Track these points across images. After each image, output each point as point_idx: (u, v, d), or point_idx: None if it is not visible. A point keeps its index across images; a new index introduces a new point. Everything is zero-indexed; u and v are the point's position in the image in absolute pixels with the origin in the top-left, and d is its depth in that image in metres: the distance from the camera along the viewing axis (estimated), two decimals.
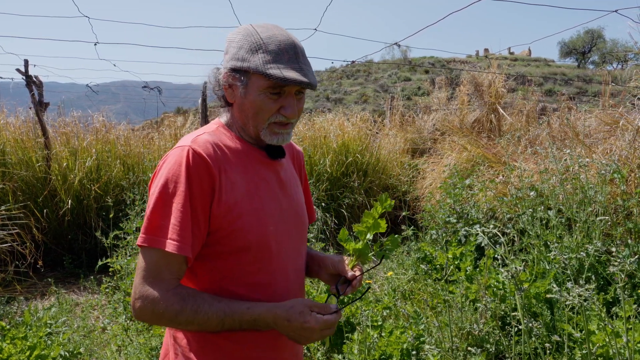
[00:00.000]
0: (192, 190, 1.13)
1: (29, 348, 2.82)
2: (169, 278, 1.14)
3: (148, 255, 1.14)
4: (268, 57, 1.17)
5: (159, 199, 1.14)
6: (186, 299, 1.13)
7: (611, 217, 3.43)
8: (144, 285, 1.13)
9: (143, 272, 1.13)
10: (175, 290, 1.14)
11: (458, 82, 11.04)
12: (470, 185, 4.84)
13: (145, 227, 1.14)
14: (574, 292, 1.93)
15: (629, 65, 5.49)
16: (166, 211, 1.13)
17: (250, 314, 1.14)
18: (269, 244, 1.23)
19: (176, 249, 1.11)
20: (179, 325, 1.15)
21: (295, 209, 1.35)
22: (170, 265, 1.14)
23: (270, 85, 1.18)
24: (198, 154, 1.15)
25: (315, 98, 31.53)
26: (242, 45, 1.20)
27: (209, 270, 1.22)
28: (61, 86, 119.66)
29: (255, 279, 1.23)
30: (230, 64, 1.22)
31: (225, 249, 1.19)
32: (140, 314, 1.14)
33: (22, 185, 5.45)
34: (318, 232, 5.64)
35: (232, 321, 1.14)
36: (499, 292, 2.99)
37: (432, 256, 4.21)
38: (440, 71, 29.41)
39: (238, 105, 1.25)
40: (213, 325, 1.14)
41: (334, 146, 6.95)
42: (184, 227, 1.12)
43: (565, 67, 36.83)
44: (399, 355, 2.64)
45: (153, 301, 1.11)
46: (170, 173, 1.15)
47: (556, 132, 6.05)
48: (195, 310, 1.13)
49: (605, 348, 2.29)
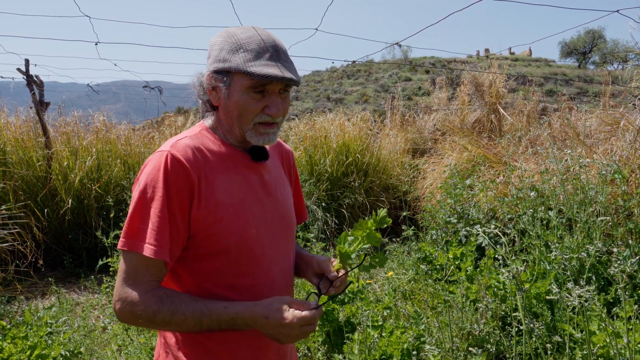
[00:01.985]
0: (169, 195, 1.14)
1: (29, 347, 2.82)
2: (147, 280, 1.15)
3: (127, 259, 1.16)
4: (249, 55, 1.18)
5: (138, 203, 1.15)
6: (163, 300, 1.14)
7: (612, 217, 3.42)
8: (124, 287, 1.15)
9: (123, 274, 1.15)
10: (154, 292, 1.15)
11: (459, 82, 11.04)
12: (470, 186, 4.84)
13: (125, 231, 1.16)
14: (574, 293, 1.93)
15: (629, 65, 5.48)
16: (145, 216, 1.15)
17: (228, 313, 1.15)
18: (251, 247, 1.24)
19: (153, 253, 1.13)
20: (157, 326, 1.16)
21: (280, 211, 1.35)
22: (149, 268, 1.15)
23: (252, 85, 1.18)
24: (176, 159, 1.16)
25: (315, 98, 31.54)
26: (222, 47, 1.22)
27: (191, 273, 1.23)
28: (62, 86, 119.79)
29: (237, 281, 1.23)
30: (212, 67, 1.23)
31: (206, 251, 1.20)
32: (120, 315, 1.16)
33: (22, 185, 5.45)
34: (319, 232, 5.64)
35: (209, 321, 1.15)
36: (500, 293, 2.99)
37: (433, 256, 4.21)
38: (441, 71, 29.41)
39: (223, 108, 1.26)
40: (191, 326, 1.15)
41: (335, 146, 6.95)
42: (162, 231, 1.14)
43: (565, 68, 36.82)
44: (399, 355, 2.64)
45: (132, 303, 1.13)
46: (149, 178, 1.16)
47: (557, 133, 6.05)
48: (172, 311, 1.14)
49: (605, 348, 2.29)
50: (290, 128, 8.18)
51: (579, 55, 39.30)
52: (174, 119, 12.46)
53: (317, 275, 1.38)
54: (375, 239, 1.27)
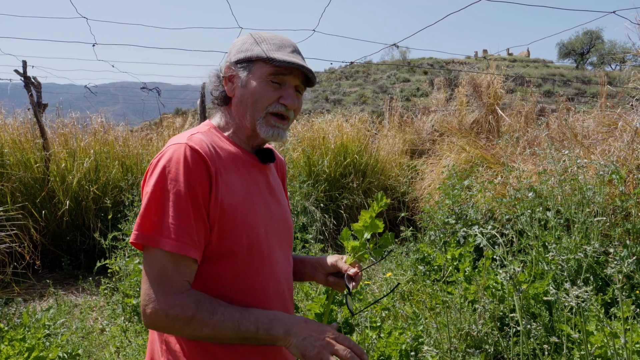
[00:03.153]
0: (193, 188, 1.09)
1: (27, 350, 2.81)
2: (180, 280, 1.09)
3: (158, 258, 1.08)
4: (271, 47, 1.22)
5: (160, 198, 1.08)
6: (201, 301, 1.09)
7: (609, 218, 3.43)
8: (155, 288, 1.07)
9: (154, 277, 1.08)
10: (189, 292, 1.10)
11: (457, 83, 11.06)
12: (468, 186, 4.84)
13: (144, 225, 1.08)
14: (572, 293, 1.93)
15: (627, 66, 5.50)
16: (166, 209, 1.08)
17: (266, 314, 1.12)
18: (261, 247, 1.21)
19: (185, 250, 1.07)
20: (193, 329, 1.08)
21: (283, 214, 1.35)
22: (180, 267, 1.09)
23: (272, 72, 1.20)
24: (196, 150, 1.12)
25: (314, 99, 31.55)
26: (245, 41, 1.26)
27: (201, 276, 1.17)
28: (59, 87, 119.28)
29: (248, 283, 1.20)
30: (234, 58, 1.25)
31: (218, 251, 1.15)
32: (152, 319, 1.08)
33: (20, 186, 5.44)
34: (317, 232, 5.65)
35: (248, 323, 1.10)
36: (498, 293, 2.99)
37: (431, 257, 4.21)
38: (439, 72, 29.44)
39: (238, 97, 1.25)
40: (228, 329, 1.09)
41: (333, 147, 6.95)
42: (191, 227, 1.09)
43: (563, 68, 36.88)
44: (397, 356, 2.64)
45: (167, 305, 1.06)
46: (167, 170, 1.10)
47: (555, 133, 6.06)
48: (212, 312, 1.08)
49: (603, 349, 2.29)
50: (288, 129, 8.19)
51: (576, 56, 39.38)
52: (172, 121, 12.45)
53: (329, 275, 1.38)
54: (377, 227, 1.30)
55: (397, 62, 38.03)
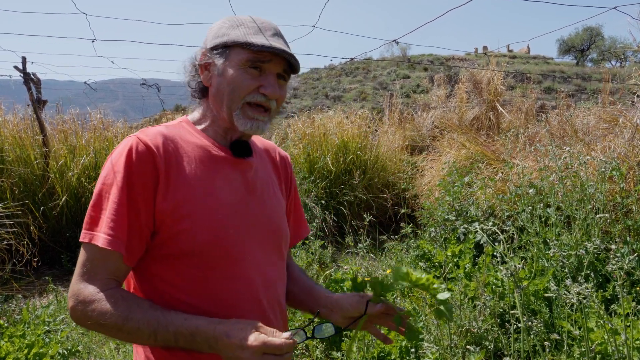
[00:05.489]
0: (131, 181, 1.03)
1: (27, 346, 2.81)
2: (105, 278, 1.03)
3: (84, 251, 1.05)
4: (250, 30, 1.13)
5: (99, 191, 1.06)
6: (119, 302, 1.01)
7: (610, 214, 3.43)
8: (78, 283, 1.03)
9: (79, 269, 1.05)
10: (110, 291, 1.03)
11: (457, 79, 11.03)
12: (469, 183, 4.84)
13: (85, 221, 1.06)
14: (572, 290, 1.93)
15: (627, 62, 5.49)
16: (103, 204, 1.04)
17: (187, 327, 1.00)
18: (227, 248, 1.10)
19: (107, 243, 1.01)
20: (108, 331, 1.01)
21: (267, 215, 1.22)
22: (105, 262, 1.04)
23: (251, 59, 1.11)
24: (144, 143, 1.06)
25: (314, 96, 31.50)
26: (222, 25, 1.17)
27: (161, 279, 1.10)
28: (59, 83, 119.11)
29: (209, 287, 1.09)
30: (210, 44, 1.15)
31: (175, 251, 1.07)
32: (72, 313, 1.04)
33: (19, 183, 5.44)
34: (317, 229, 5.64)
35: (165, 333, 1.00)
36: (498, 290, 2.99)
37: (431, 254, 4.21)
38: (439, 69, 29.39)
39: (214, 87, 1.16)
40: (144, 337, 1.01)
41: (334, 144, 6.95)
42: (119, 220, 1.03)
43: (564, 65, 36.80)
44: (397, 353, 2.64)
45: (84, 301, 1.01)
46: (111, 164, 1.06)
47: (555, 130, 6.05)
48: (126, 317, 1.00)
49: (603, 345, 2.29)
50: (289, 126, 8.17)
51: (577, 53, 39.30)
52: (172, 117, 12.43)
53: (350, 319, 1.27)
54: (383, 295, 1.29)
55: (397, 58, 37.95)
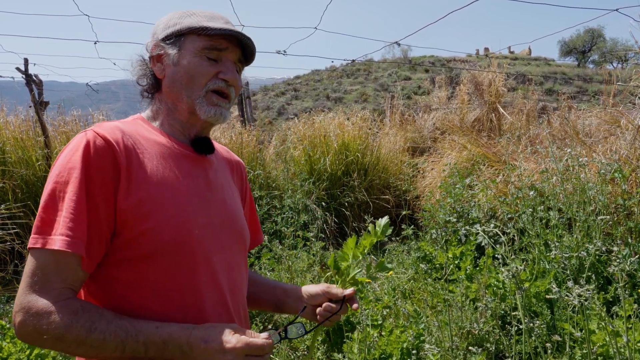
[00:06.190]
0: (89, 178, 0.95)
1: (29, 347, 2.82)
2: (59, 287, 0.92)
3: (34, 259, 0.92)
4: (203, 18, 1.10)
5: (51, 191, 0.95)
6: (78, 313, 0.91)
7: (612, 216, 3.42)
8: (27, 295, 0.91)
9: (28, 278, 0.92)
10: (66, 302, 0.92)
11: (458, 81, 11.04)
12: (470, 185, 4.84)
13: (35, 226, 0.94)
14: (574, 292, 1.93)
15: (629, 64, 5.49)
16: (57, 204, 0.94)
17: (159, 335, 0.93)
18: (193, 249, 1.04)
19: (65, 245, 0.90)
20: (68, 346, 0.90)
21: (230, 216, 1.17)
22: (61, 269, 0.92)
23: (207, 46, 1.08)
24: (102, 136, 0.98)
25: (315, 97, 31.53)
26: (172, 16, 1.14)
27: (122, 285, 1.01)
28: (61, 85, 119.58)
29: (174, 291, 1.02)
30: (161, 35, 1.12)
31: (137, 254, 0.99)
32: (20, 330, 0.91)
33: (21, 184, 5.45)
34: (318, 231, 5.64)
35: (135, 344, 0.92)
36: (499, 292, 2.99)
37: (432, 255, 4.21)
38: (441, 70, 29.41)
39: (169, 78, 1.11)
40: (111, 349, 0.91)
41: (334, 145, 6.95)
42: (77, 220, 0.92)
43: (565, 66, 36.81)
44: (399, 354, 2.64)
45: (36, 314, 0.89)
46: (65, 160, 0.97)
47: (556, 131, 6.05)
48: (89, 328, 0.90)
49: (605, 347, 2.29)
50: (289, 127, 8.18)
51: (578, 54, 39.29)
52: None
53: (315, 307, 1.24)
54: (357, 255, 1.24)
55: (398, 60, 37.96)
